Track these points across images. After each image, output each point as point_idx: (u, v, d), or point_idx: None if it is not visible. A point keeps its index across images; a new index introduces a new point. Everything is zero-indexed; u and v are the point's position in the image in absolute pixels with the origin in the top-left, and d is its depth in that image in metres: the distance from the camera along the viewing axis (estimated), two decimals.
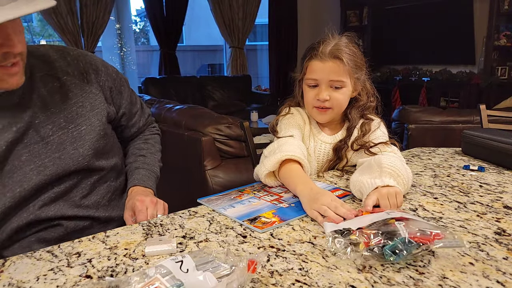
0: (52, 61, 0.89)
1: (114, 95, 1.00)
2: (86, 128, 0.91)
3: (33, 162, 0.84)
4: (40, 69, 0.86)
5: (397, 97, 5.18)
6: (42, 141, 0.85)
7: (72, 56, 0.93)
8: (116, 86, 1.01)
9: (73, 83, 0.91)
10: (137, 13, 10.11)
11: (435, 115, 2.58)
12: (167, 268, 0.54)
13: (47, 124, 0.85)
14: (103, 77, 0.97)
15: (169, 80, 5.02)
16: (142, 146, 1.13)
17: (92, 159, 0.92)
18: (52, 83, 0.88)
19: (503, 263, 0.62)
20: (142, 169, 1.07)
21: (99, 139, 0.94)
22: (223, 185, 1.98)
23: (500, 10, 4.25)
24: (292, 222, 0.79)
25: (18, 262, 0.66)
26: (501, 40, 4.32)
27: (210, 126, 2.08)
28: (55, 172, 0.86)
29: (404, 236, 0.60)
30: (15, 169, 0.82)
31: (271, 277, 0.60)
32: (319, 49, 1.07)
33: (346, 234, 0.65)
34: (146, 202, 0.92)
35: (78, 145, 0.89)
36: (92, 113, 0.93)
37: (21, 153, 0.83)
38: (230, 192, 0.96)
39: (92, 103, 0.93)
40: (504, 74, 4.37)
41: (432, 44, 4.86)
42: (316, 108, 1.11)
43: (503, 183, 1.02)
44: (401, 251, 0.59)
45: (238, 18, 5.70)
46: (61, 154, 0.87)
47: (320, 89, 1.08)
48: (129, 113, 1.08)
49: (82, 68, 0.93)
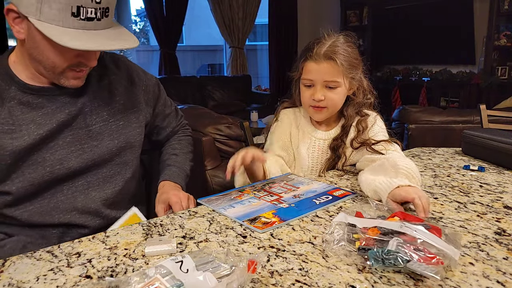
0: (106, 64, 1.03)
1: (151, 97, 1.12)
2: (124, 124, 1.02)
3: (74, 145, 0.94)
4: (95, 68, 0.97)
5: (397, 97, 5.18)
6: (85, 128, 0.96)
7: (121, 61, 1.07)
8: (154, 90, 1.13)
9: (119, 83, 1.04)
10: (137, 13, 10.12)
11: (435, 115, 2.58)
12: (167, 268, 0.54)
13: (93, 114, 0.97)
14: (145, 82, 1.10)
15: (169, 80, 5.02)
16: (176, 146, 1.23)
17: (125, 151, 1.03)
18: (103, 80, 1.01)
19: (503, 263, 0.62)
20: (173, 166, 1.15)
21: (134, 135, 1.05)
22: (223, 185, 1.98)
23: (500, 10, 4.25)
24: (292, 222, 0.79)
25: (18, 262, 0.66)
26: (501, 40, 4.32)
27: (210, 126, 2.08)
28: (91, 158, 0.96)
29: (389, 249, 0.59)
30: (58, 147, 0.92)
31: (271, 277, 0.59)
32: (314, 50, 1.09)
33: (349, 229, 0.66)
34: (180, 196, 1.01)
35: (114, 137, 1.00)
36: (131, 111, 1.04)
37: (67, 135, 0.94)
38: (230, 192, 0.96)
39: (132, 102, 1.05)
40: (504, 74, 4.37)
41: (432, 44, 4.86)
42: (312, 107, 1.14)
43: (503, 183, 1.02)
44: (380, 260, 0.59)
45: (238, 18, 5.70)
46: (99, 143, 0.98)
47: (315, 89, 1.11)
48: (162, 114, 1.19)
49: (128, 71, 1.07)
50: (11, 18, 0.82)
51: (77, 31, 0.80)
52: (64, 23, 0.79)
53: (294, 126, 1.22)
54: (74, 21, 0.79)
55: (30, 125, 0.89)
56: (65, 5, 0.77)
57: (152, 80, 1.13)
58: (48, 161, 0.91)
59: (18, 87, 0.90)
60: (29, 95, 0.90)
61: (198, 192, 1.04)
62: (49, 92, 0.92)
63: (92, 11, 0.80)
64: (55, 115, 0.92)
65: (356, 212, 0.75)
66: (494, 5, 4.24)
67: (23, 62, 0.90)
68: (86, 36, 0.80)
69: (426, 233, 0.62)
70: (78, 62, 0.86)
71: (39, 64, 0.87)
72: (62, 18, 0.78)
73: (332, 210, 0.85)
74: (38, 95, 0.91)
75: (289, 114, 1.24)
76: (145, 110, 1.09)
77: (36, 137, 0.89)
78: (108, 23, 0.85)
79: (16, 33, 0.84)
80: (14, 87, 0.89)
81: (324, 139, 1.19)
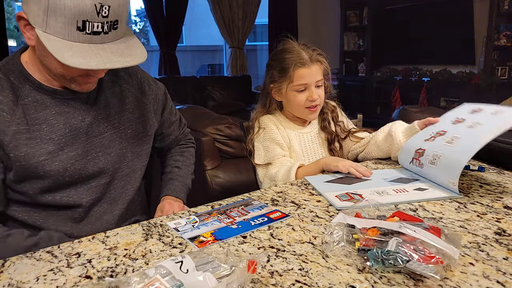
0: (118, 71, 1.04)
1: (159, 106, 1.14)
2: (131, 133, 1.04)
3: (91, 154, 0.96)
4: (107, 74, 1.00)
5: (397, 97, 5.18)
6: (99, 135, 0.98)
7: (133, 70, 1.08)
8: (162, 99, 1.15)
9: (130, 91, 1.05)
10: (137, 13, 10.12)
11: (435, 115, 2.57)
12: (167, 268, 0.54)
13: (105, 122, 0.99)
14: (154, 91, 1.11)
15: (169, 80, 5.00)
16: (178, 158, 1.23)
17: (133, 161, 1.05)
18: (114, 88, 1.02)
19: (503, 263, 0.62)
20: (175, 180, 1.17)
21: (141, 144, 1.06)
22: (223, 185, 1.98)
23: (500, 10, 4.25)
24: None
25: (18, 262, 0.66)
26: (501, 40, 4.31)
27: (210, 126, 2.09)
28: (105, 166, 0.98)
29: (389, 249, 0.59)
30: (78, 157, 0.94)
31: (271, 278, 0.59)
32: (302, 58, 1.22)
33: (348, 231, 0.66)
34: (174, 206, 1.05)
35: (124, 146, 1.02)
36: (139, 120, 1.06)
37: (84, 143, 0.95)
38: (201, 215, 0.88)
39: (141, 111, 1.06)
40: (504, 74, 4.37)
41: (432, 44, 4.86)
42: (307, 109, 1.26)
43: (503, 183, 1.02)
44: (380, 261, 0.59)
45: (238, 18, 5.70)
46: (111, 151, 1.00)
47: (310, 91, 1.24)
48: (168, 121, 1.20)
49: (139, 80, 1.08)
50: (22, 25, 0.82)
51: (82, 45, 0.78)
52: (69, 37, 0.77)
53: (279, 127, 1.30)
54: (80, 35, 0.78)
55: (43, 125, 0.90)
56: (71, 19, 0.76)
57: (161, 89, 1.15)
58: (68, 171, 0.92)
59: (33, 86, 0.90)
60: (43, 94, 0.91)
61: (198, 192, 1.04)
62: (63, 95, 0.92)
63: (99, 25, 0.78)
64: (68, 119, 0.92)
65: (355, 213, 0.75)
66: (494, 5, 4.23)
67: (36, 64, 0.90)
68: (91, 51, 0.79)
69: (425, 233, 0.62)
70: (86, 73, 0.87)
71: (49, 70, 0.88)
72: (67, 32, 0.77)
73: (332, 211, 0.85)
74: (52, 96, 0.91)
75: (268, 119, 1.31)
76: (153, 119, 1.10)
77: (48, 141, 0.90)
78: (117, 35, 0.83)
79: (27, 40, 0.84)
80: (29, 86, 0.90)
81: (309, 133, 1.33)
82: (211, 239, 0.74)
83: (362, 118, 4.46)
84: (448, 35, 4.69)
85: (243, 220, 0.82)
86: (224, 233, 0.77)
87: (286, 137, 1.29)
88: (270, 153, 1.25)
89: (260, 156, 1.27)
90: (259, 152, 1.28)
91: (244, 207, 0.90)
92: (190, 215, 0.85)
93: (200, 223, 0.81)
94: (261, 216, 0.84)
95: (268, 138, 1.27)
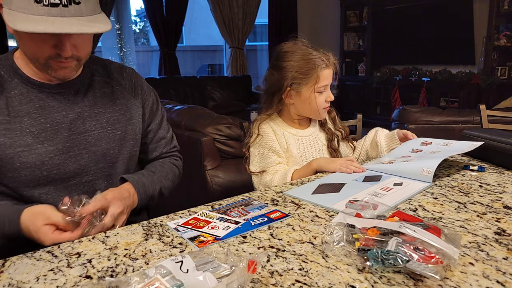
0: (111, 72, 1.06)
1: (148, 113, 1.12)
2: (121, 134, 1.03)
3: (73, 150, 0.95)
4: (100, 74, 1.03)
5: (397, 97, 5.18)
6: (84, 133, 0.97)
7: (127, 73, 1.09)
8: (153, 107, 1.13)
9: (122, 93, 1.05)
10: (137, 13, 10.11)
11: (435, 115, 2.58)
12: (167, 268, 0.54)
13: (92, 120, 0.98)
14: (146, 96, 1.11)
15: (169, 81, 5.02)
16: (157, 165, 1.13)
17: (119, 162, 1.04)
18: (106, 88, 1.03)
19: (503, 263, 0.62)
20: (144, 177, 1.05)
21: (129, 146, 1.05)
22: (223, 185, 1.98)
23: (500, 10, 4.25)
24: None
25: (18, 262, 0.66)
26: (501, 40, 4.32)
27: (210, 126, 2.08)
28: (87, 164, 0.98)
29: (389, 249, 0.59)
30: (58, 152, 0.93)
31: (271, 277, 0.60)
32: (328, 60, 1.25)
33: (348, 230, 0.66)
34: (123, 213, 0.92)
35: (111, 146, 1.01)
36: (129, 122, 1.05)
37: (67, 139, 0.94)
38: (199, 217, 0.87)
39: (132, 114, 1.06)
40: (504, 74, 4.37)
41: (432, 44, 4.86)
42: (324, 109, 1.29)
43: (503, 183, 1.02)
44: (379, 261, 0.59)
45: (238, 18, 5.70)
46: (97, 149, 0.99)
47: (328, 92, 1.27)
48: (154, 133, 1.15)
49: (133, 84, 1.08)
50: (2, 11, 0.83)
51: (41, 18, 0.77)
52: (29, 11, 0.77)
53: (278, 133, 1.29)
54: (38, 8, 0.77)
55: (24, 118, 0.90)
56: None
57: (153, 97, 1.14)
58: (46, 165, 0.92)
59: (21, 80, 0.92)
60: (30, 88, 0.92)
61: (198, 193, 1.03)
62: (49, 89, 0.93)
63: None
64: (51, 114, 0.93)
65: (355, 213, 0.75)
66: (494, 5, 4.24)
67: (24, 58, 0.92)
68: (46, 21, 0.77)
69: (425, 233, 0.62)
70: (56, 54, 0.84)
71: (26, 56, 0.89)
72: (26, 5, 0.77)
73: (332, 211, 0.85)
74: (39, 90, 0.93)
75: (266, 125, 1.30)
76: (142, 124, 1.09)
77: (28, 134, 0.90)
78: (80, 11, 0.80)
79: (8, 29, 0.83)
80: (17, 79, 0.92)
81: (308, 136, 1.33)
82: (211, 239, 0.74)
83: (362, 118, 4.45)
84: (448, 35, 4.69)
85: (243, 220, 0.82)
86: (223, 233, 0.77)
87: (284, 143, 1.29)
88: (266, 160, 1.26)
89: (255, 163, 1.28)
90: (254, 159, 1.28)
91: (244, 207, 0.90)
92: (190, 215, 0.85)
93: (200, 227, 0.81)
94: (261, 216, 0.84)
95: (265, 145, 1.27)
